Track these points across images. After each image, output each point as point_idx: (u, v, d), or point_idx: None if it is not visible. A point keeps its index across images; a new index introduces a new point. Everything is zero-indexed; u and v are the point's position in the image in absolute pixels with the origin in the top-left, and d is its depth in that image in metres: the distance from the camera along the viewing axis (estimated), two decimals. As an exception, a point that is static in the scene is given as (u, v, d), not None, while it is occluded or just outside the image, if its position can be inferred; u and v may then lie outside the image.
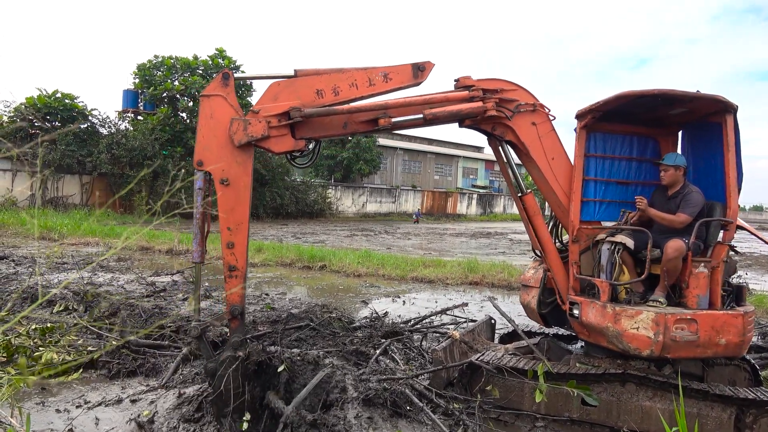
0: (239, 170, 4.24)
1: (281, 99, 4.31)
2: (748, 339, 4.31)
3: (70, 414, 4.35)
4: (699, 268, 4.42)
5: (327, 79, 4.37)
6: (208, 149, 4.23)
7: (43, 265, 11.63)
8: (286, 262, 13.57)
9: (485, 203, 55.02)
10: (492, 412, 4.63)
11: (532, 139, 4.78)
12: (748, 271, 15.34)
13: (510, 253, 18.96)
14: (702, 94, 4.42)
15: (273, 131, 4.24)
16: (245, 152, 4.25)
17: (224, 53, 32.11)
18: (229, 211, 4.23)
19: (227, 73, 4.35)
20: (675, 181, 4.79)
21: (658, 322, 4.17)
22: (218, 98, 4.30)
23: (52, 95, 27.71)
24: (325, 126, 4.45)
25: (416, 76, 4.46)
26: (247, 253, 4.34)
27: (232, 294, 4.22)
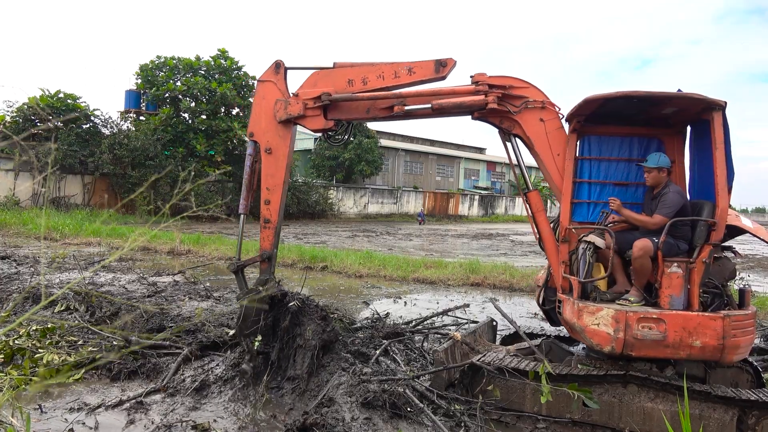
0: (280, 142, 5.25)
1: (319, 86, 5.18)
2: (732, 344, 4.16)
3: (71, 414, 4.34)
4: (672, 268, 4.38)
5: (358, 70, 5.14)
6: (258, 124, 5.30)
7: (46, 265, 11.64)
8: (287, 262, 13.56)
9: (487, 204, 54.96)
10: (493, 413, 4.62)
11: (538, 134, 5.00)
12: (750, 273, 15.29)
13: (512, 255, 18.94)
14: (680, 94, 4.39)
15: (308, 111, 5.16)
16: (286, 128, 5.24)
17: (226, 54, 32.16)
18: (269, 175, 5.28)
19: (279, 62, 5.29)
20: (658, 182, 4.79)
21: (618, 320, 4.23)
22: (269, 83, 5.30)
23: (55, 95, 27.78)
24: (351, 110, 5.26)
25: (438, 71, 5.02)
26: (281, 211, 5.36)
27: (264, 241, 5.31)
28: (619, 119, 5.04)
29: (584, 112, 4.82)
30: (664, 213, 4.56)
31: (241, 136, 31.26)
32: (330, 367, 5.15)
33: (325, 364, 5.21)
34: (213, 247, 15.36)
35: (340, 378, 4.88)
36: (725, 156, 4.42)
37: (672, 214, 4.54)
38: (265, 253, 5.29)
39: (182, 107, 30.48)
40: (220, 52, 32.10)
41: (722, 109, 4.41)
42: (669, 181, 4.78)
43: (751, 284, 11.80)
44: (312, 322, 5.17)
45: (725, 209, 4.38)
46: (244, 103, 31.94)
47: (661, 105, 4.68)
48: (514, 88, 4.98)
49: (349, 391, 4.66)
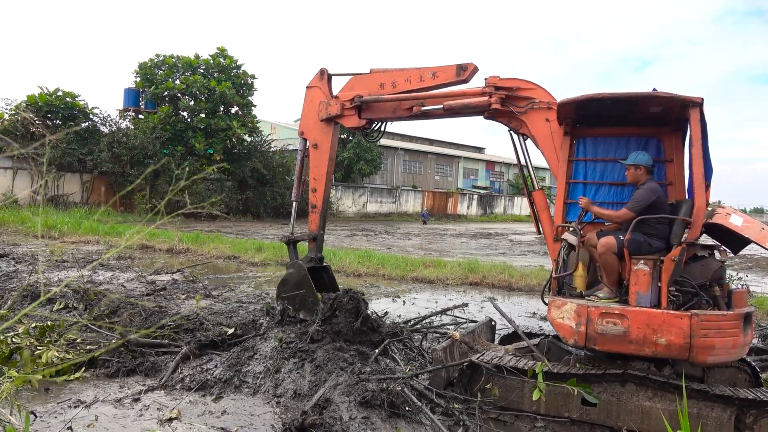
0: (324, 138, 6.12)
1: (355, 89, 5.94)
2: (701, 343, 4.10)
3: (69, 413, 4.34)
4: (638, 265, 4.39)
5: (389, 75, 5.78)
6: (307, 124, 6.19)
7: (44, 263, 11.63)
8: (286, 261, 13.53)
9: (486, 204, 54.99)
10: (492, 412, 4.63)
11: (543, 134, 5.20)
12: (749, 273, 15.31)
13: (510, 254, 18.95)
14: (655, 94, 4.39)
15: (345, 111, 5.95)
16: (328, 126, 6.09)
17: (225, 52, 32.12)
18: (315, 167, 6.18)
19: (323, 70, 6.14)
20: (636, 180, 4.82)
21: (579, 314, 4.40)
22: (316, 89, 6.18)
23: (53, 93, 27.72)
24: (380, 110, 5.93)
25: (459, 75, 5.46)
26: (325, 198, 6.25)
27: (311, 224, 6.31)
28: (616, 120, 5.05)
29: (564, 116, 4.95)
30: (629, 207, 4.61)
31: (239, 134, 31.24)
32: (328, 366, 5.15)
33: (323, 364, 5.22)
34: (212, 246, 15.35)
35: (338, 378, 4.88)
36: (702, 153, 4.42)
37: (639, 210, 4.56)
38: (311, 234, 6.32)
39: (181, 106, 30.44)
40: (219, 50, 32.06)
41: (698, 106, 4.40)
42: (648, 179, 4.79)
43: (750, 285, 11.82)
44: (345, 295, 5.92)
45: (702, 207, 4.37)
46: (243, 101, 31.91)
47: (643, 105, 4.69)
48: (521, 90, 5.24)
49: (347, 390, 4.66)
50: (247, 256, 13.97)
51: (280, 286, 6.10)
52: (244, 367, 5.43)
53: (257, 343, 6.07)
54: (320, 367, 5.18)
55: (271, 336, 5.79)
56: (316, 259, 6.33)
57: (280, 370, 5.34)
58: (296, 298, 5.99)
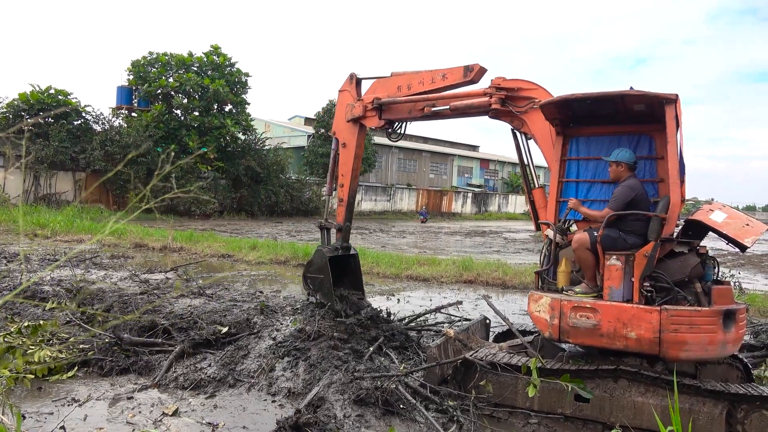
0: (351, 138, 6.52)
1: (377, 92, 6.28)
2: (672, 338, 4.14)
3: (62, 412, 4.32)
4: (610, 260, 4.48)
5: (406, 78, 6.09)
6: (338, 124, 6.62)
7: (35, 261, 11.56)
8: (280, 259, 13.54)
9: (480, 202, 55.07)
10: (486, 408, 4.64)
11: (543, 133, 5.33)
12: (740, 270, 15.42)
13: (505, 252, 19.00)
14: (631, 92, 4.43)
15: (368, 113, 6.30)
16: (354, 126, 6.48)
17: (219, 50, 31.97)
18: (343, 163, 6.60)
19: (353, 75, 6.55)
20: (618, 176, 4.86)
21: (553, 307, 4.55)
22: (346, 92, 6.57)
23: (45, 91, 27.51)
24: (397, 111, 6.25)
25: (465, 76, 5.69)
26: (352, 193, 6.66)
27: (338, 216, 6.72)
28: (608, 119, 5.07)
29: (549, 117, 5.04)
30: (611, 206, 4.66)
31: (233, 133, 31.12)
32: (322, 365, 5.16)
33: (318, 362, 5.22)
34: (206, 244, 15.30)
35: (332, 376, 4.89)
36: (676, 149, 4.45)
37: (619, 207, 4.59)
38: (337, 225, 6.73)
39: (174, 104, 30.29)
40: (213, 48, 31.91)
41: (673, 102, 4.42)
42: (629, 176, 4.82)
43: (741, 281, 11.91)
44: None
45: (677, 204, 4.39)
46: (237, 99, 31.79)
47: (625, 103, 4.72)
48: (522, 90, 5.39)
49: (342, 388, 4.66)
50: (241, 255, 13.94)
51: (306, 266, 6.65)
52: (238, 365, 5.43)
53: (251, 342, 6.06)
54: (314, 365, 5.19)
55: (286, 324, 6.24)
56: (342, 248, 6.76)
57: (275, 368, 5.34)
58: (316, 280, 6.48)
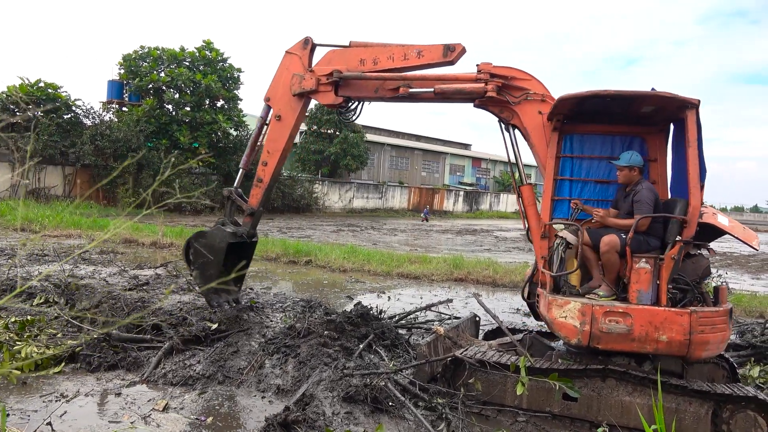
0: (290, 113, 5.72)
1: (333, 63, 5.51)
2: (699, 339, 4.21)
3: (49, 408, 4.29)
4: (640, 263, 4.43)
5: (371, 51, 5.41)
6: (276, 90, 5.77)
7: (23, 256, 11.44)
8: (271, 256, 13.50)
9: (471, 200, 55.19)
10: (475, 406, 4.66)
11: (535, 126, 5.10)
12: (727, 270, 15.57)
13: (495, 251, 19.06)
14: (654, 93, 4.43)
15: (321, 87, 5.53)
16: (299, 101, 5.71)
17: (212, 45, 31.78)
18: (272, 140, 5.84)
19: (308, 39, 5.65)
20: (629, 180, 4.85)
21: (584, 313, 4.32)
22: (295, 56, 5.71)
23: (35, 84, 27.22)
24: (360, 88, 5.55)
25: (446, 56, 5.22)
26: (275, 174, 5.95)
27: (253, 198, 5.97)
28: (602, 118, 5.09)
29: (560, 111, 4.88)
30: (642, 211, 4.59)
31: (225, 128, 30.97)
32: (312, 362, 5.15)
33: (307, 359, 5.21)
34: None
35: (321, 373, 4.88)
36: (698, 154, 4.48)
37: (649, 211, 4.59)
38: (250, 209, 5.95)
39: (166, 99, 30.08)
40: (206, 43, 31.71)
41: (695, 107, 4.45)
42: (641, 179, 4.84)
43: (729, 281, 12.02)
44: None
45: (697, 207, 4.44)
46: (229, 95, 31.63)
47: (638, 104, 4.73)
48: (515, 79, 5.11)
49: (331, 385, 4.66)
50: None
51: (196, 236, 5.85)
52: (227, 362, 5.41)
53: (241, 339, 6.05)
54: (304, 362, 5.18)
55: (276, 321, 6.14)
56: (247, 235, 6.06)
57: (264, 365, 5.33)
58: (201, 257, 5.76)
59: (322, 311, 7.06)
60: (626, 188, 4.91)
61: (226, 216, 5.97)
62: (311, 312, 7.03)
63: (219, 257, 5.66)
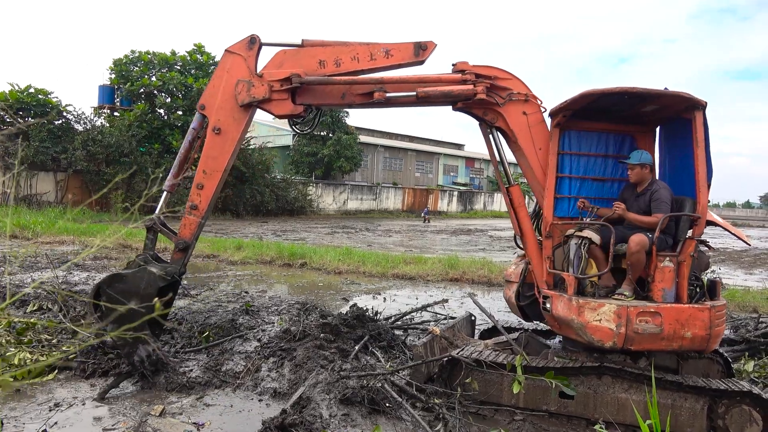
0: (233, 125, 4.76)
1: (286, 66, 4.70)
2: (715, 333, 4.35)
3: (44, 415, 4.26)
4: (664, 262, 4.47)
5: (330, 50, 4.71)
6: (213, 97, 4.77)
7: (15, 264, 11.36)
8: (266, 259, 13.47)
9: (465, 200, 55.30)
10: (472, 406, 4.66)
11: (521, 127, 4.92)
12: (721, 266, 15.68)
13: (490, 250, 19.11)
14: (669, 92, 4.46)
15: (274, 95, 4.66)
16: (245, 111, 4.77)
17: (203, 49, 31.74)
18: (210, 157, 4.78)
19: (254, 38, 4.74)
20: (642, 179, 4.86)
21: (620, 315, 4.27)
22: (239, 57, 4.75)
23: (25, 90, 27.08)
24: (324, 94, 4.80)
25: (417, 54, 4.76)
26: (213, 200, 4.87)
27: (185, 228, 4.82)
28: (597, 116, 5.10)
29: (576, 107, 4.79)
30: (662, 210, 4.63)
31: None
32: (308, 365, 5.14)
33: (303, 362, 5.20)
34: (207, 244, 15.17)
35: (318, 376, 4.87)
36: (704, 153, 4.53)
37: (668, 209, 4.64)
38: (181, 243, 4.79)
39: (158, 103, 30.01)
40: (196, 47, 31.67)
41: (703, 108, 4.51)
42: (654, 178, 4.86)
43: (722, 277, 12.10)
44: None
45: (705, 205, 4.51)
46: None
47: (644, 102, 4.75)
48: (498, 79, 4.87)
49: (327, 388, 4.65)
50: (226, 255, 13.85)
51: (112, 278, 4.55)
52: (223, 366, 5.40)
53: (237, 343, 6.03)
54: (300, 365, 5.17)
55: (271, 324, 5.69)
56: (177, 275, 4.90)
57: (260, 369, 5.32)
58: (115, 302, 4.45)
59: (317, 314, 7.05)
60: (636, 187, 4.91)
61: (146, 250, 4.86)
62: (307, 314, 7.01)
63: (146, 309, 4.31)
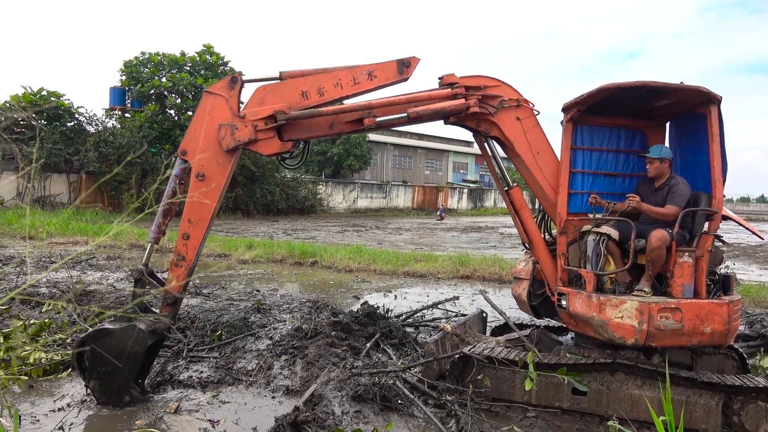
0: (217, 170, 4.46)
1: (267, 102, 4.44)
2: (733, 328, 4.34)
3: (59, 412, 4.31)
4: (683, 257, 4.44)
5: (312, 80, 4.48)
6: (195, 141, 4.49)
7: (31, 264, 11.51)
8: (277, 258, 13.53)
9: (476, 198, 55.16)
10: (483, 403, 4.66)
11: (516, 134, 4.86)
12: (735, 261, 15.51)
13: (501, 247, 19.04)
14: (686, 86, 4.43)
15: (260, 134, 4.40)
16: (229, 156, 4.47)
17: (212, 49, 31.88)
18: (194, 205, 4.45)
19: (236, 77, 4.51)
20: (660, 174, 4.82)
21: (642, 311, 4.23)
22: (220, 98, 4.51)
23: (38, 93, 27.37)
24: (311, 127, 4.57)
25: (401, 72, 4.55)
26: (200, 249, 4.59)
27: (174, 280, 4.51)
28: (608, 110, 5.07)
29: (592, 101, 4.74)
30: (677, 203, 4.60)
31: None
32: (320, 362, 5.16)
33: (315, 360, 5.23)
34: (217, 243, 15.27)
35: (330, 373, 4.89)
36: (719, 149, 4.50)
37: (683, 205, 4.60)
38: (170, 298, 4.52)
39: (168, 104, 30.19)
40: (206, 47, 31.81)
41: (719, 102, 4.49)
42: (673, 174, 4.83)
43: (736, 272, 11.97)
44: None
45: (721, 200, 4.50)
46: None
47: (659, 97, 4.72)
48: (488, 88, 4.78)
49: (339, 385, 4.67)
50: (237, 254, 13.93)
51: (98, 333, 4.32)
52: (236, 364, 5.43)
53: (249, 341, 6.07)
54: (312, 363, 5.20)
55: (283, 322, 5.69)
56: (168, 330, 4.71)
57: (273, 366, 5.35)
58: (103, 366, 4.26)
59: (328, 311, 7.07)
60: (654, 182, 4.88)
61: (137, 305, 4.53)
62: (318, 312, 7.04)
63: (132, 365, 4.32)
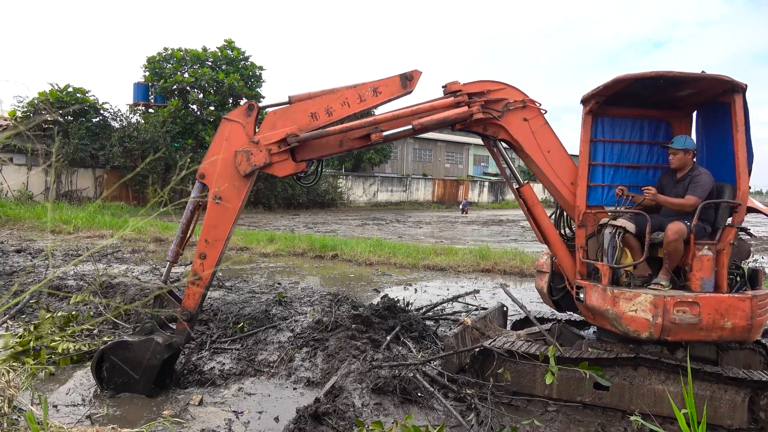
0: (233, 194, 4.67)
1: (279, 126, 4.65)
2: (758, 323, 4.22)
3: (87, 401, 4.43)
4: (703, 250, 4.34)
5: (319, 101, 4.68)
6: (213, 165, 4.68)
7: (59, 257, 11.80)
8: (298, 251, 13.64)
9: (497, 191, 54.75)
10: (504, 396, 4.64)
11: (525, 135, 4.87)
12: (764, 255, 15.14)
13: (522, 240, 18.89)
14: (707, 75, 4.32)
15: (274, 158, 4.62)
16: (245, 180, 4.67)
17: (233, 44, 32.16)
18: (211, 226, 4.68)
19: (252, 104, 4.72)
20: (684, 165, 4.72)
21: (656, 305, 4.17)
22: (237, 125, 4.69)
23: (64, 89, 27.94)
24: (322, 146, 4.78)
25: (405, 86, 4.70)
26: (217, 268, 4.81)
27: (188, 299, 4.71)
28: (631, 101, 4.99)
29: (609, 93, 4.69)
30: (697, 194, 4.50)
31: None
32: (340, 354, 5.21)
33: (335, 352, 5.27)
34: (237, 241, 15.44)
35: (350, 366, 4.93)
36: (744, 138, 4.38)
37: (704, 196, 4.49)
38: (186, 314, 4.68)
39: (190, 99, 30.58)
40: (227, 42, 32.10)
41: (743, 91, 4.37)
42: (696, 165, 4.73)
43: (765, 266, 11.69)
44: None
45: (746, 191, 4.37)
46: (251, 93, 32.00)
47: (680, 87, 4.62)
48: (491, 92, 4.83)
49: (360, 377, 4.70)
50: (258, 247, 14.07)
51: (117, 345, 4.56)
52: (258, 356, 5.51)
53: (270, 333, 6.15)
54: (332, 355, 5.24)
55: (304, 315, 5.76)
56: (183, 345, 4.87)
57: (294, 359, 5.41)
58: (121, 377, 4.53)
59: (349, 304, 7.12)
60: (677, 173, 4.79)
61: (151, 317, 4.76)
62: (338, 305, 7.09)
63: (148, 377, 4.54)
